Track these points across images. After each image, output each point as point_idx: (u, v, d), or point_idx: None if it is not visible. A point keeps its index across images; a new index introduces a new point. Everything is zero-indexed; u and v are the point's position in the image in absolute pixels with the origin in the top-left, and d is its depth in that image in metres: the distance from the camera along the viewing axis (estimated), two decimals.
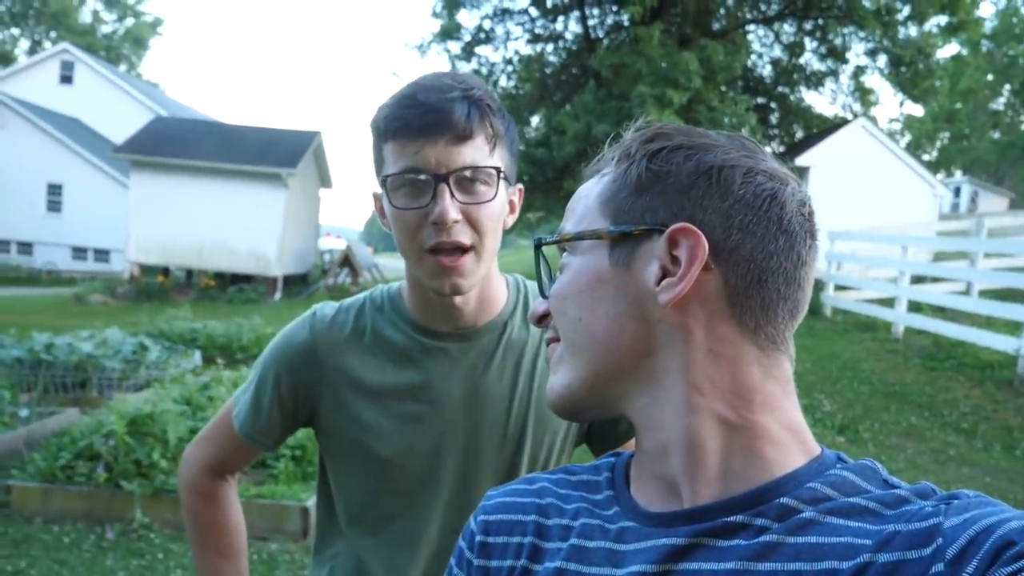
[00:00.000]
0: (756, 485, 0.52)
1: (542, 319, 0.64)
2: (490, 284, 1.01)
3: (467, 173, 0.90)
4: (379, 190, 0.97)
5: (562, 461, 1.07)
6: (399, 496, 1.03)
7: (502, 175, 0.94)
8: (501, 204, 0.95)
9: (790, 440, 0.54)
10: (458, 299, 0.97)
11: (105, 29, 41.31)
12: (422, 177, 0.90)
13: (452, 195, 0.90)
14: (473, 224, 0.92)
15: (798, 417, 0.56)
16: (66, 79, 25.79)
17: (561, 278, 0.62)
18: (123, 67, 39.10)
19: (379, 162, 0.95)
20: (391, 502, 1.03)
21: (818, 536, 0.49)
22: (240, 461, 1.17)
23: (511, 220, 1.00)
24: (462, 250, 0.91)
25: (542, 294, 0.64)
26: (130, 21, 41.54)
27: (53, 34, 37.89)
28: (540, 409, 1.03)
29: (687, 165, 0.56)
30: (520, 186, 1.03)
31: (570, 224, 0.63)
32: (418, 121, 0.89)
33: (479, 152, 0.91)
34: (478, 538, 0.64)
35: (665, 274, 0.55)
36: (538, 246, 0.66)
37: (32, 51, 36.42)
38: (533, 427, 1.03)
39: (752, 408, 0.54)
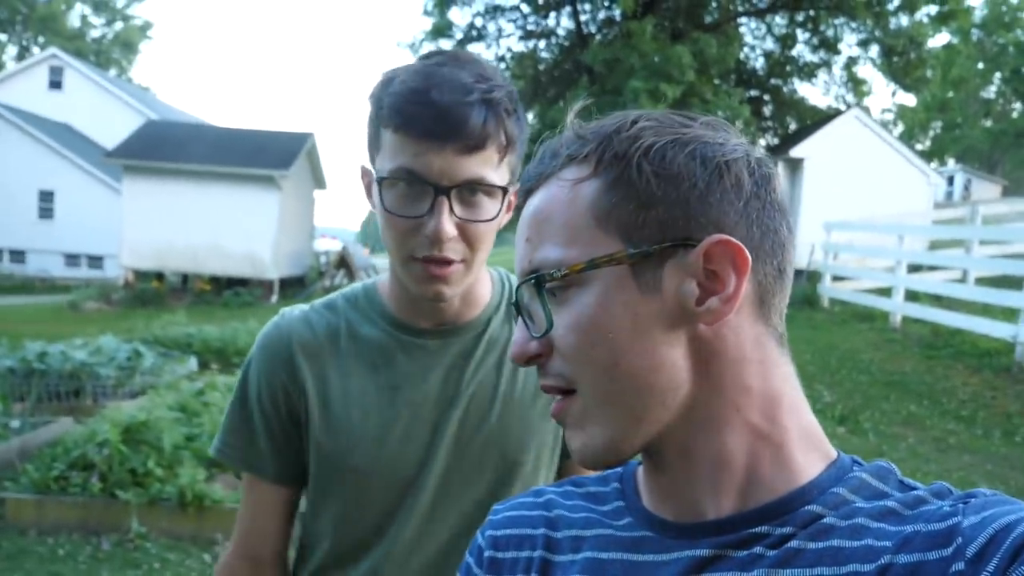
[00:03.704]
0: (781, 494, 0.51)
1: (532, 359, 0.55)
2: (475, 281, 0.94)
3: (471, 188, 0.83)
4: (369, 165, 0.90)
5: (552, 470, 1.01)
6: (379, 514, 0.93)
7: (508, 193, 0.86)
8: (499, 220, 0.88)
9: (810, 445, 0.53)
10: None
11: (94, 33, 41.14)
12: (421, 185, 0.82)
13: (451, 210, 0.82)
14: (467, 240, 0.85)
15: (813, 419, 0.55)
16: (55, 84, 25.61)
17: (571, 318, 0.51)
18: (113, 71, 38.93)
19: (374, 142, 0.87)
20: (371, 522, 0.93)
21: (839, 540, 0.48)
22: (269, 520, 0.99)
23: (506, 219, 0.91)
24: (451, 262, 0.86)
25: (531, 335, 0.54)
26: (119, 25, 41.36)
27: (41, 39, 37.71)
28: (524, 408, 0.96)
29: (694, 165, 0.50)
30: (519, 184, 0.98)
31: (552, 251, 0.52)
32: (426, 123, 0.79)
33: (487, 164, 0.83)
34: (487, 553, 0.62)
35: (702, 290, 0.50)
36: (540, 283, 0.52)
37: (20, 57, 36.21)
38: (519, 427, 0.95)
39: (780, 414, 0.52)
